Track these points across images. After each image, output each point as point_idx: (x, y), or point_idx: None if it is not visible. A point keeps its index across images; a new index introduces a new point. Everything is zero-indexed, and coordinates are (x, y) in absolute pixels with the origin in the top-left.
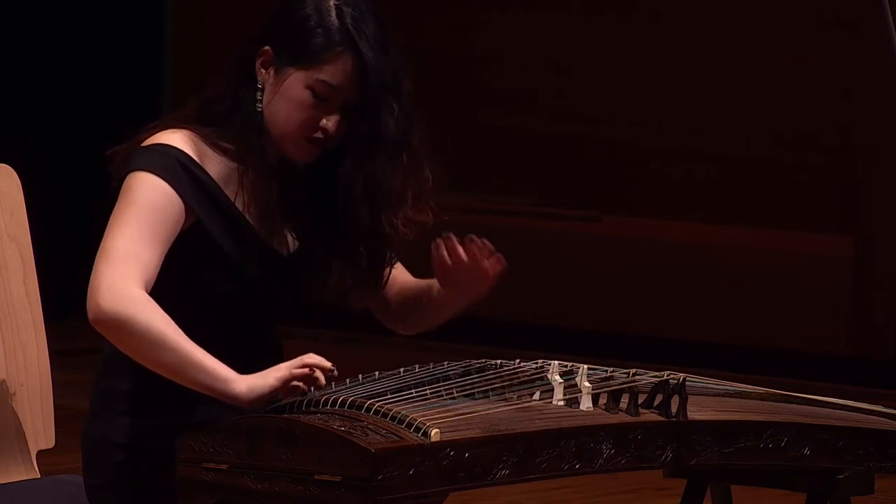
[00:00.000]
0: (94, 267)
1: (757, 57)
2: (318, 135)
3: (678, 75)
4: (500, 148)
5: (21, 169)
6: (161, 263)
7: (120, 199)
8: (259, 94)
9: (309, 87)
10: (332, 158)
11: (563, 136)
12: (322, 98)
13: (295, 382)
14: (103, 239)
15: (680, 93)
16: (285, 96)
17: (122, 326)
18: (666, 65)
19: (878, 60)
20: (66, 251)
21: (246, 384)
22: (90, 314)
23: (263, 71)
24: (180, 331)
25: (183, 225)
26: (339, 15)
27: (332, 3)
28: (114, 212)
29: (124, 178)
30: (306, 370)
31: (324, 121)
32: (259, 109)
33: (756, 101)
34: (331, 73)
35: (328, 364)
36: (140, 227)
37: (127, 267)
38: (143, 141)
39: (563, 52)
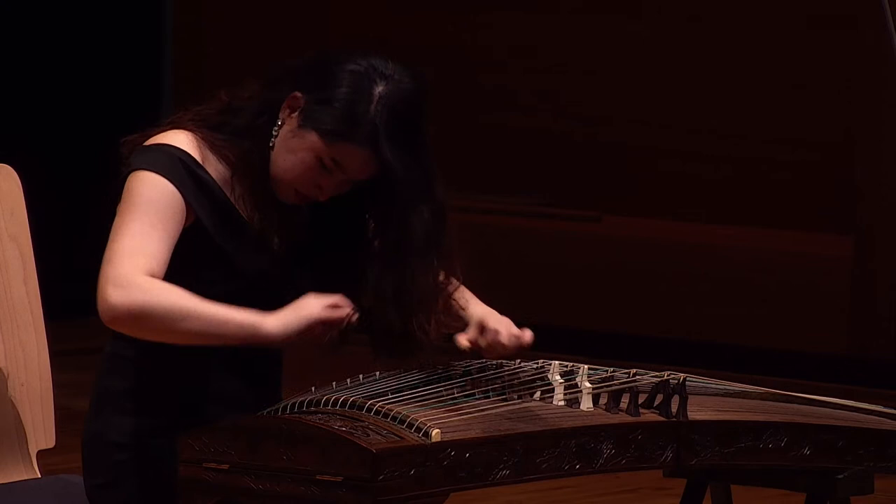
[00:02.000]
0: (100, 271)
1: (756, 57)
2: (309, 194)
3: (678, 75)
4: (500, 148)
5: (21, 169)
6: (169, 256)
7: (122, 202)
8: (276, 129)
9: (319, 157)
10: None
11: (563, 136)
12: (329, 171)
13: (327, 319)
14: (108, 242)
15: (680, 93)
16: (294, 151)
17: (139, 315)
18: (666, 65)
19: (877, 60)
20: (66, 251)
21: (276, 323)
22: (104, 316)
23: (288, 112)
24: (195, 297)
25: (185, 223)
26: (376, 111)
27: (375, 92)
28: (117, 215)
29: (127, 175)
30: (337, 313)
31: (319, 190)
32: (271, 145)
33: (756, 101)
34: (345, 158)
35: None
36: (143, 223)
37: (131, 261)
38: (154, 135)
39: (563, 52)
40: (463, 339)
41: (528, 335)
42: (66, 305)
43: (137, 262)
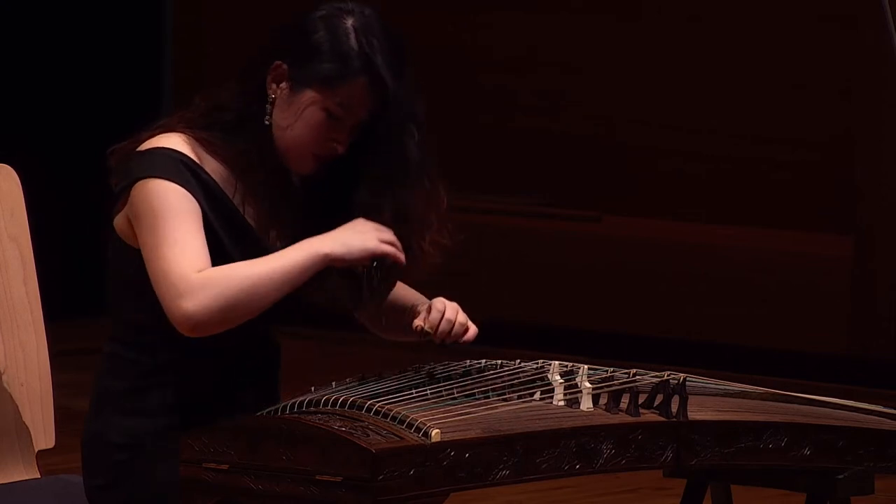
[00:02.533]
0: (158, 295)
1: (756, 57)
2: (326, 152)
3: (678, 75)
4: (500, 148)
5: (21, 169)
6: (207, 250)
7: (142, 219)
8: (269, 107)
9: (325, 109)
10: (334, 172)
11: (563, 136)
12: (336, 118)
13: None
14: (149, 261)
15: (680, 93)
16: (300, 116)
17: (221, 311)
18: (666, 65)
19: (877, 60)
20: (66, 251)
21: (335, 243)
22: (186, 328)
23: (275, 85)
24: (249, 263)
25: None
26: (358, 40)
27: (349, 26)
28: (143, 234)
29: (131, 184)
30: (390, 248)
31: (334, 142)
32: (268, 123)
33: (756, 101)
34: (348, 97)
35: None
36: (175, 230)
37: (182, 266)
38: (144, 140)
39: (563, 52)
40: (416, 321)
41: (471, 329)
42: (66, 305)
43: (189, 264)
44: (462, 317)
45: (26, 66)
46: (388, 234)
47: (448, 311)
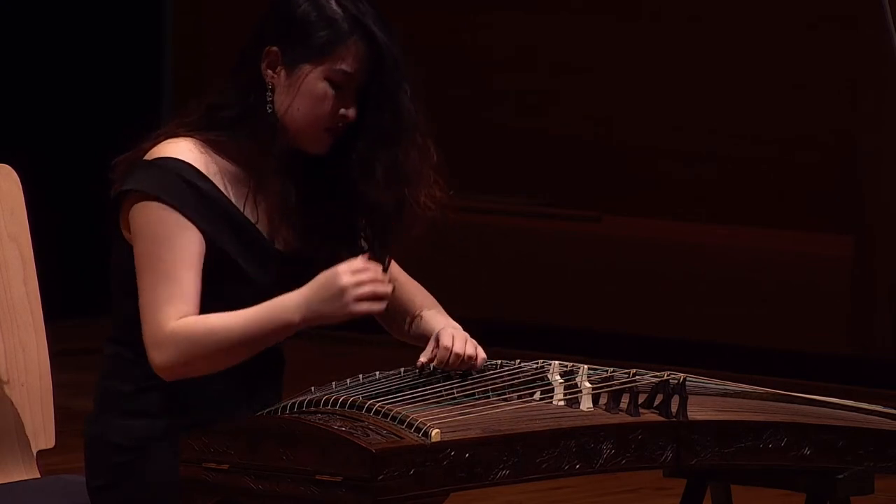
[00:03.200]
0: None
1: (757, 57)
2: (339, 124)
3: (678, 75)
4: (500, 148)
5: (21, 169)
6: (199, 282)
7: (139, 244)
8: (269, 94)
9: (327, 78)
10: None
11: (563, 136)
12: (339, 87)
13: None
14: (139, 297)
15: (680, 93)
16: (304, 93)
17: (188, 365)
18: (666, 65)
19: (878, 60)
20: (66, 251)
21: (309, 313)
22: (163, 377)
23: (271, 72)
24: (224, 320)
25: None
26: (341, 4)
27: None
28: (138, 259)
29: (131, 196)
30: (369, 288)
31: (342, 110)
32: (270, 110)
33: (756, 101)
34: (347, 62)
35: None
36: (165, 266)
37: (163, 314)
38: (147, 150)
39: (563, 53)
40: (422, 358)
41: (480, 357)
42: (66, 305)
43: (167, 312)
44: (470, 347)
45: (26, 66)
46: (364, 285)
47: (456, 345)
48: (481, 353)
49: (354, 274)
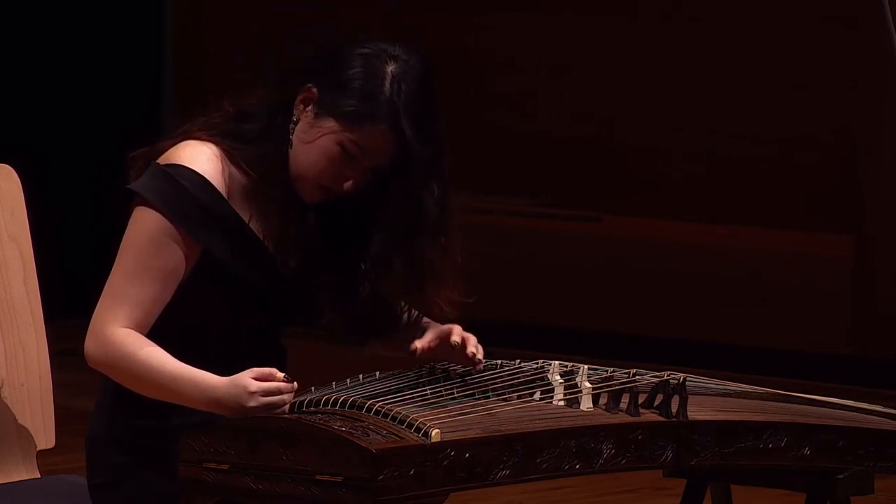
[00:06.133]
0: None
1: (757, 56)
2: (334, 188)
3: (679, 75)
4: (500, 148)
5: (21, 169)
6: (162, 298)
7: (125, 237)
8: (293, 127)
9: (340, 143)
10: (354, 202)
11: (563, 136)
12: (351, 158)
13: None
14: (109, 276)
15: (680, 93)
16: (316, 143)
17: (105, 369)
18: (666, 65)
19: (878, 60)
20: (66, 251)
21: (209, 405)
22: (86, 361)
23: (303, 107)
24: (157, 361)
25: (190, 258)
26: (392, 88)
27: (387, 71)
28: (120, 250)
29: (135, 195)
30: (275, 399)
31: (343, 180)
32: (290, 144)
33: (756, 101)
34: (367, 140)
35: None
36: (135, 266)
37: (113, 311)
38: (166, 148)
39: (563, 53)
40: (417, 344)
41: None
42: (66, 305)
43: (120, 311)
44: (481, 350)
45: (26, 66)
46: (262, 398)
47: (470, 339)
48: (479, 354)
49: (258, 397)
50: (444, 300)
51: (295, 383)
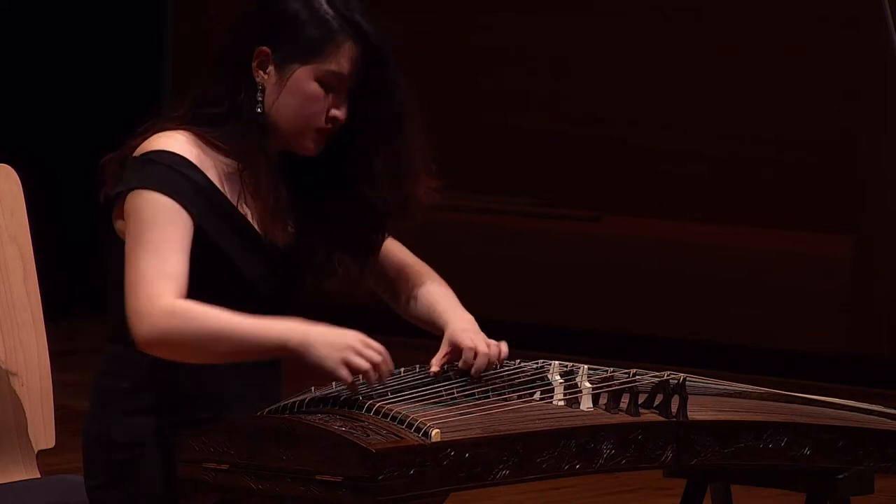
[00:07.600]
0: (126, 304)
1: (757, 57)
2: (329, 125)
3: (678, 75)
4: (500, 148)
5: (21, 169)
6: (187, 268)
7: (129, 227)
8: (259, 95)
9: (317, 79)
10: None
11: (562, 136)
12: (330, 88)
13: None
14: (125, 272)
15: (680, 93)
16: (294, 93)
17: (170, 343)
18: (666, 65)
19: (879, 60)
20: (66, 251)
21: (311, 350)
22: (141, 347)
23: (262, 72)
24: (222, 314)
25: (191, 231)
26: (332, 4)
27: None
28: (127, 241)
29: (125, 194)
30: (367, 365)
31: (333, 111)
32: (260, 111)
33: (756, 101)
34: (338, 63)
35: (386, 367)
36: (154, 244)
37: (156, 287)
38: (136, 147)
39: (563, 52)
40: (435, 366)
41: (503, 348)
42: (66, 305)
43: (158, 287)
44: (494, 347)
45: (26, 66)
46: (364, 361)
47: (480, 347)
48: (504, 348)
49: (366, 347)
50: (422, 190)
51: (392, 366)
